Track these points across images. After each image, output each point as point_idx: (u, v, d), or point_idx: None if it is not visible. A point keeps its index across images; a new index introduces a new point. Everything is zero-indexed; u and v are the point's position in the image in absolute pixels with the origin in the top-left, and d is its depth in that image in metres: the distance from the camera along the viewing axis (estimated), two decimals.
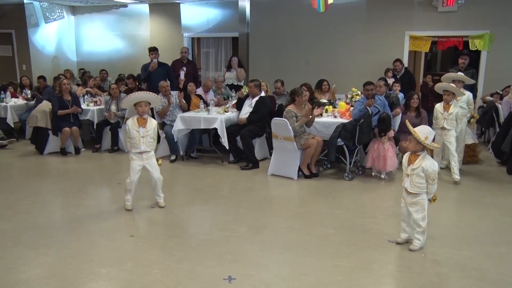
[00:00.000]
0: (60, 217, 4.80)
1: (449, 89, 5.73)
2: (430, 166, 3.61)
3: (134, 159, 4.67)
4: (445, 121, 5.79)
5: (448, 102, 5.77)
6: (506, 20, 8.85)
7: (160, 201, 4.89)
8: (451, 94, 5.73)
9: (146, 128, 4.62)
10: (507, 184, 5.81)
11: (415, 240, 3.80)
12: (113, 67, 11.50)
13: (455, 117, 5.76)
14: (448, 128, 5.79)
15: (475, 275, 3.40)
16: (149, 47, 8.28)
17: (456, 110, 5.78)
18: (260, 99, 6.81)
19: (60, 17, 12.26)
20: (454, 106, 5.80)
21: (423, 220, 3.74)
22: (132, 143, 4.63)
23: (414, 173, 3.65)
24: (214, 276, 3.37)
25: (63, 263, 3.59)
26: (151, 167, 4.73)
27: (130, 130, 4.60)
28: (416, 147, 3.65)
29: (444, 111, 5.80)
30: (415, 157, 3.68)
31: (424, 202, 3.73)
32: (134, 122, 4.61)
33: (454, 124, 5.79)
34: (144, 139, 4.62)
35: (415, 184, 3.67)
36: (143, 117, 4.65)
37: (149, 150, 4.68)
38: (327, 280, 3.34)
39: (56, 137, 7.42)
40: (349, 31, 10.04)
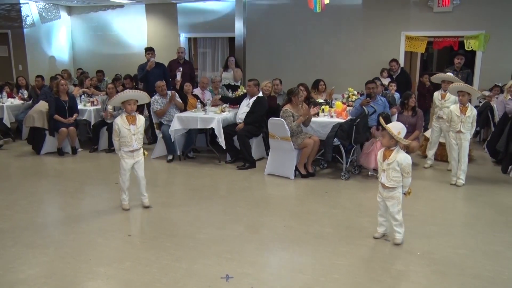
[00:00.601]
0: (58, 216, 4.81)
1: (464, 89, 5.46)
2: (404, 159, 3.74)
3: (125, 158, 4.69)
4: (462, 124, 5.55)
5: (464, 103, 5.49)
6: (500, 20, 8.92)
7: (145, 200, 4.89)
8: (466, 94, 5.45)
9: (136, 125, 4.65)
10: (502, 183, 5.85)
11: (396, 234, 3.90)
12: (109, 67, 11.50)
13: (471, 119, 5.53)
14: (464, 131, 5.55)
15: (471, 273, 3.44)
16: (146, 47, 8.30)
17: (474, 113, 5.54)
18: (257, 100, 6.82)
19: (56, 17, 12.25)
20: (472, 108, 5.56)
21: (398, 213, 3.85)
22: (123, 142, 4.64)
23: (390, 167, 3.77)
24: (211, 275, 3.39)
25: (62, 262, 3.60)
26: (138, 166, 4.75)
27: (120, 128, 4.60)
28: (390, 142, 3.79)
29: (461, 114, 5.52)
30: (389, 152, 3.81)
31: (399, 196, 3.84)
32: (124, 120, 4.62)
33: (469, 127, 5.56)
34: (135, 136, 4.65)
35: (391, 178, 3.79)
36: (131, 114, 4.66)
37: (139, 147, 4.72)
38: (325, 278, 3.36)
39: (53, 137, 7.41)
40: (346, 31, 10.10)
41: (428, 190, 5.51)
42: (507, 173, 6.21)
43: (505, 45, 8.93)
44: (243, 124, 6.72)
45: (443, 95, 6.27)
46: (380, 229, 4.07)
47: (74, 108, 7.58)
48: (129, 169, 4.72)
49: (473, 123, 5.58)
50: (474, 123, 5.60)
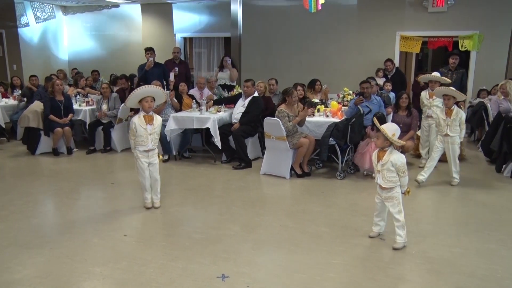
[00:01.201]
0: (53, 217, 4.80)
1: (449, 93, 5.44)
2: (398, 159, 3.74)
3: (140, 157, 4.65)
4: (448, 127, 5.50)
5: (449, 107, 5.47)
6: (494, 20, 8.98)
7: (157, 201, 4.88)
8: (452, 98, 5.44)
9: (153, 125, 4.61)
10: (496, 182, 5.89)
11: (397, 237, 3.86)
12: (105, 67, 11.48)
13: (458, 122, 5.47)
14: (451, 134, 5.49)
15: (466, 271, 3.46)
16: (145, 47, 8.29)
17: (460, 116, 5.47)
18: (253, 100, 6.83)
19: (51, 16, 12.20)
20: (459, 111, 5.49)
21: (399, 214, 3.83)
22: (138, 141, 4.60)
23: (385, 168, 3.77)
24: (207, 274, 3.40)
25: (57, 262, 3.59)
26: (152, 168, 4.73)
27: (137, 128, 4.55)
28: (384, 143, 3.79)
29: (447, 117, 5.50)
30: (383, 153, 3.81)
31: (398, 196, 3.83)
32: (141, 120, 4.57)
33: (457, 130, 5.50)
34: (151, 136, 4.61)
35: (387, 178, 3.79)
36: (149, 113, 4.61)
37: (154, 147, 4.70)
38: (320, 277, 3.37)
39: (48, 137, 7.39)
40: (341, 31, 10.12)
41: (423, 189, 5.54)
42: (501, 172, 6.26)
43: (498, 45, 8.98)
44: (239, 124, 6.73)
45: (431, 94, 6.36)
46: (375, 228, 4.09)
47: (69, 108, 7.56)
48: (147, 168, 4.70)
49: (461, 126, 5.50)
50: (462, 126, 5.51)
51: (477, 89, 8.90)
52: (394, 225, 3.86)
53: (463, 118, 5.50)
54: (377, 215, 4.05)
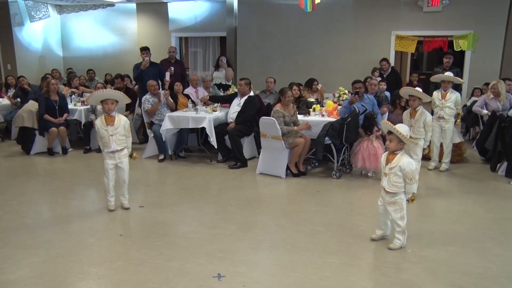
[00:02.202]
0: (48, 217, 4.77)
1: (414, 94, 5.21)
2: (408, 165, 3.60)
3: (106, 159, 4.64)
4: (412, 128, 5.14)
5: (414, 107, 5.21)
6: (488, 20, 9.02)
7: (125, 202, 4.85)
8: (417, 99, 5.19)
9: (114, 126, 4.56)
10: (491, 181, 5.92)
11: (396, 240, 3.82)
12: (100, 67, 11.45)
13: (422, 124, 5.16)
14: (414, 136, 5.09)
15: (461, 270, 3.48)
16: (141, 47, 8.27)
17: (424, 117, 5.15)
18: (249, 99, 6.83)
19: (45, 15, 12.15)
20: (423, 113, 5.20)
21: (401, 220, 3.75)
22: (103, 143, 4.60)
23: (392, 172, 3.66)
24: (203, 274, 3.39)
25: (52, 262, 3.58)
26: (121, 168, 4.69)
27: (99, 129, 4.55)
28: (397, 146, 3.66)
29: (411, 119, 5.23)
30: (393, 156, 3.69)
31: (402, 202, 3.73)
32: (102, 121, 4.56)
33: (421, 133, 5.19)
34: (114, 137, 4.56)
35: (392, 183, 3.68)
36: (110, 115, 4.59)
37: (120, 148, 4.63)
38: (316, 276, 3.38)
39: (42, 137, 7.36)
40: (337, 31, 10.14)
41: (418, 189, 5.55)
42: (495, 171, 6.29)
43: (493, 45, 9.03)
44: (234, 124, 6.72)
45: (444, 95, 6.14)
46: (378, 231, 3.99)
47: (64, 108, 7.53)
48: (112, 170, 4.66)
49: (425, 128, 5.18)
50: (427, 128, 5.19)
51: (471, 88, 8.93)
52: (395, 229, 3.83)
53: (428, 120, 5.16)
54: (379, 219, 3.94)
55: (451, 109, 6.13)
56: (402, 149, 3.70)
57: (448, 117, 6.13)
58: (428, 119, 5.16)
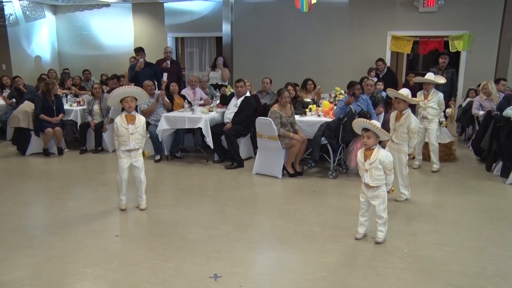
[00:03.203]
0: (44, 218, 4.75)
1: (399, 97, 4.90)
2: (386, 157, 3.78)
3: (122, 157, 4.62)
4: (395, 133, 4.92)
5: (400, 110, 4.92)
6: (484, 20, 9.06)
7: (142, 203, 4.84)
8: (402, 102, 4.88)
9: (135, 125, 4.57)
10: (486, 180, 5.95)
11: (378, 233, 3.94)
12: (96, 68, 11.42)
13: (406, 129, 4.83)
14: (397, 141, 4.91)
15: (456, 269, 3.49)
16: (135, 48, 8.25)
17: (409, 123, 4.82)
18: (245, 99, 6.83)
19: (40, 16, 12.07)
20: (408, 117, 4.86)
21: (384, 211, 3.89)
22: (120, 141, 4.58)
23: (372, 166, 3.79)
24: (200, 274, 3.39)
25: (48, 263, 3.57)
26: (137, 167, 4.69)
27: (118, 127, 4.54)
28: (375, 141, 3.83)
29: (395, 122, 4.95)
30: (370, 151, 3.82)
31: (384, 194, 3.88)
32: (123, 119, 4.56)
33: (404, 139, 4.86)
34: (133, 136, 4.57)
35: (375, 177, 3.80)
36: (130, 113, 4.59)
37: (138, 147, 4.66)
38: (313, 276, 3.38)
39: (38, 138, 7.34)
40: (333, 31, 10.15)
41: (414, 188, 5.57)
42: (491, 171, 6.32)
43: (488, 45, 9.06)
44: (231, 124, 6.72)
45: (426, 95, 6.29)
46: (361, 229, 4.06)
47: (60, 108, 7.51)
48: (127, 169, 4.65)
49: (409, 134, 4.83)
50: (411, 134, 4.84)
51: (467, 89, 8.97)
52: (377, 222, 3.92)
53: (413, 126, 4.80)
54: (362, 215, 4.03)
55: (433, 109, 6.23)
56: (377, 144, 3.84)
57: (432, 117, 6.24)
58: (413, 126, 4.80)
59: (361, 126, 3.87)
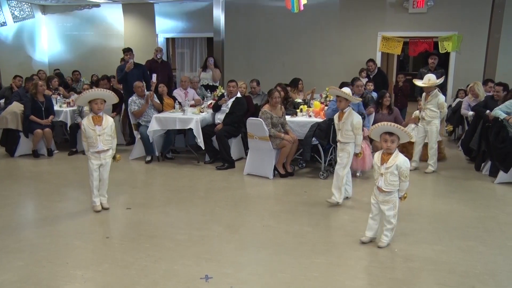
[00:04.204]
0: (33, 220, 4.71)
1: (340, 95, 4.79)
2: (404, 163, 3.67)
3: (92, 159, 4.63)
4: (340, 132, 4.85)
5: (342, 108, 4.81)
6: (472, 21, 9.16)
7: (104, 202, 4.84)
8: (344, 100, 4.77)
9: (102, 126, 4.56)
10: (475, 180, 6.00)
11: (383, 237, 3.87)
12: (86, 68, 11.33)
13: (350, 126, 4.75)
14: (343, 140, 4.83)
15: (446, 268, 3.52)
16: (124, 48, 8.21)
17: (351, 119, 4.75)
18: (236, 100, 6.83)
19: (29, 16, 11.97)
20: (350, 114, 4.80)
21: (394, 217, 3.81)
22: (89, 143, 4.58)
23: (388, 171, 3.69)
24: (191, 276, 3.38)
25: (37, 266, 3.53)
26: (103, 167, 4.69)
27: (86, 129, 4.53)
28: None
29: (339, 121, 4.86)
30: (388, 156, 3.72)
31: (396, 200, 3.79)
32: (90, 121, 4.55)
33: (350, 137, 4.78)
34: (101, 137, 4.56)
35: (389, 182, 3.71)
36: (98, 114, 4.58)
37: (106, 148, 4.63)
38: (304, 276, 3.39)
39: (27, 139, 7.26)
40: (323, 32, 10.19)
41: None
42: (480, 170, 6.38)
43: (476, 46, 9.15)
44: (222, 125, 6.71)
45: (427, 96, 6.20)
46: (369, 233, 3.96)
47: (50, 109, 7.44)
48: (96, 170, 4.66)
49: (354, 131, 4.75)
50: (356, 131, 4.75)
51: (457, 89, 9.05)
52: (384, 226, 3.85)
53: (355, 122, 4.72)
54: (373, 218, 3.93)
55: (432, 111, 6.15)
56: (396, 149, 3.72)
57: (429, 119, 6.18)
58: (356, 121, 4.72)
59: (383, 130, 3.70)
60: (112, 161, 4.77)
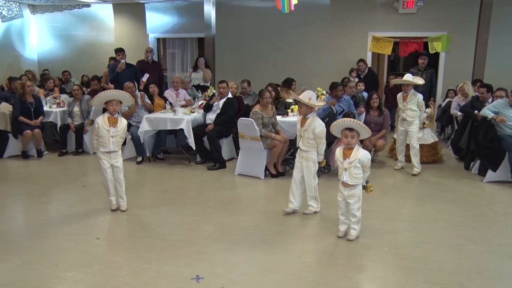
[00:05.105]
0: (22, 221, 4.67)
1: (299, 100, 4.53)
2: (365, 156, 3.85)
3: (102, 158, 4.61)
4: (301, 139, 4.58)
5: (305, 114, 4.53)
6: (461, 22, 9.23)
7: (123, 204, 4.82)
8: (304, 106, 4.47)
9: (116, 127, 4.57)
10: (465, 179, 6.06)
11: (352, 230, 4.01)
12: (76, 68, 11.24)
13: (312, 134, 4.47)
14: (304, 149, 4.56)
15: (436, 266, 3.55)
16: (116, 48, 8.16)
17: (313, 127, 4.45)
18: (227, 101, 6.83)
19: (18, 15, 11.84)
20: (313, 121, 4.49)
21: (358, 210, 3.95)
22: (100, 142, 4.57)
23: (352, 165, 3.83)
24: (182, 276, 3.38)
25: (26, 268, 3.50)
26: (117, 167, 4.68)
27: (99, 128, 4.52)
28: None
29: (301, 127, 4.59)
30: (349, 151, 3.87)
31: (360, 193, 3.95)
32: (105, 121, 4.55)
33: (312, 145, 4.51)
34: (114, 138, 4.57)
35: (353, 176, 3.86)
36: (114, 116, 4.59)
37: (117, 149, 4.65)
38: (294, 276, 3.40)
39: (16, 140, 7.20)
40: (314, 32, 10.22)
41: (395, 188, 5.65)
42: (469, 169, 6.44)
43: (465, 46, 9.23)
44: (213, 125, 6.71)
45: (405, 97, 6.17)
46: (342, 227, 4.11)
47: (40, 110, 7.38)
48: (110, 169, 4.65)
49: (316, 140, 4.47)
50: (319, 140, 4.48)
51: (446, 89, 9.12)
52: (350, 221, 3.98)
53: (318, 131, 4.44)
54: (342, 214, 4.09)
55: (412, 111, 6.13)
56: (356, 143, 3.87)
57: (411, 119, 6.14)
58: (318, 130, 4.43)
59: (344, 125, 3.86)
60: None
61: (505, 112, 5.79)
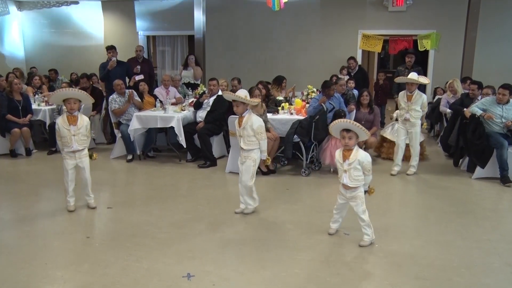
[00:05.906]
0: (10, 220, 4.61)
1: (236, 99, 4.40)
2: (365, 157, 3.74)
3: (67, 159, 4.56)
4: (242, 139, 4.49)
5: (241, 113, 4.45)
6: (449, 20, 9.33)
7: (91, 201, 4.79)
8: (241, 104, 4.40)
9: (77, 126, 4.49)
10: (454, 176, 6.12)
11: (365, 236, 3.87)
12: (65, 66, 11.14)
13: (251, 131, 4.39)
14: (245, 148, 4.47)
15: (425, 262, 3.58)
16: (107, 46, 8.10)
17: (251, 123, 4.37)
18: (218, 98, 6.81)
19: (4, 12, 11.67)
20: (249, 118, 4.40)
21: (364, 213, 3.83)
22: (63, 142, 4.52)
23: (352, 167, 3.73)
24: (173, 274, 3.37)
25: (14, 268, 3.47)
26: (82, 167, 4.63)
27: (60, 128, 4.47)
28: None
29: (239, 127, 4.49)
30: (348, 152, 3.77)
31: (362, 195, 3.83)
32: (64, 120, 4.49)
33: (253, 143, 4.42)
34: (76, 137, 4.50)
35: (353, 178, 3.75)
36: (72, 114, 4.51)
37: (81, 148, 4.58)
38: (286, 273, 3.41)
39: (4, 139, 7.11)
40: (304, 29, 10.24)
41: (385, 184, 5.68)
42: (458, 166, 6.50)
43: (454, 44, 9.32)
44: (204, 123, 6.69)
45: (409, 97, 5.82)
46: (334, 225, 4.09)
47: (28, 108, 7.29)
48: (71, 169, 4.59)
49: (257, 136, 4.42)
50: (259, 136, 4.42)
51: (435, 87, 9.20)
52: (360, 225, 3.87)
53: (256, 126, 4.36)
54: (337, 212, 4.05)
55: (417, 112, 5.83)
56: (355, 144, 3.78)
57: (415, 120, 5.84)
58: (256, 126, 4.39)
59: (342, 127, 3.75)
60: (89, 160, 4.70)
61: (492, 110, 5.84)
